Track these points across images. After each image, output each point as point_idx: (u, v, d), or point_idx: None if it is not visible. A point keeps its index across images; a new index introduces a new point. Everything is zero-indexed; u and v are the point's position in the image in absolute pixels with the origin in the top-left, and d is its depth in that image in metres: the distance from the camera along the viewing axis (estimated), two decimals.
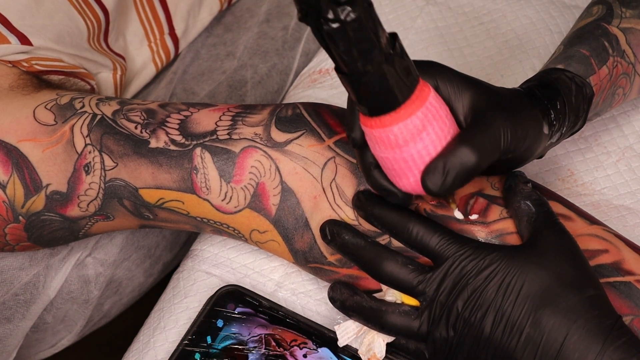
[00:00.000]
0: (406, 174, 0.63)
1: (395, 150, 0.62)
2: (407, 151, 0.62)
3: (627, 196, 0.82)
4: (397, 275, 0.66)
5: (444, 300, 0.64)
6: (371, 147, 0.64)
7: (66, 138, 0.73)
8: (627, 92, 0.79)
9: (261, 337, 0.75)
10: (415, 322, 0.66)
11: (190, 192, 0.73)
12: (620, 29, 0.77)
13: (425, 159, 0.62)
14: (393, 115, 0.60)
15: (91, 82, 0.86)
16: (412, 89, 0.60)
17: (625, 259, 0.68)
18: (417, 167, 0.62)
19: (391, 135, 0.61)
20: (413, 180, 0.63)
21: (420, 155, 0.62)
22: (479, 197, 0.69)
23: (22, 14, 0.79)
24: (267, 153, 0.72)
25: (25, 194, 0.73)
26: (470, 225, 0.69)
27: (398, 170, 0.63)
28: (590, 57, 0.75)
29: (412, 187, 0.64)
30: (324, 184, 0.72)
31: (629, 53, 0.77)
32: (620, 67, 0.76)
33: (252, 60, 1.00)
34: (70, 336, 0.95)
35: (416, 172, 0.63)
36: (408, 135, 0.61)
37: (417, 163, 0.62)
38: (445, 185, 0.61)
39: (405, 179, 0.63)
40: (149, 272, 0.97)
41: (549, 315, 0.62)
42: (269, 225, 0.73)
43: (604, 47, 0.76)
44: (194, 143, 0.73)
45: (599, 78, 0.74)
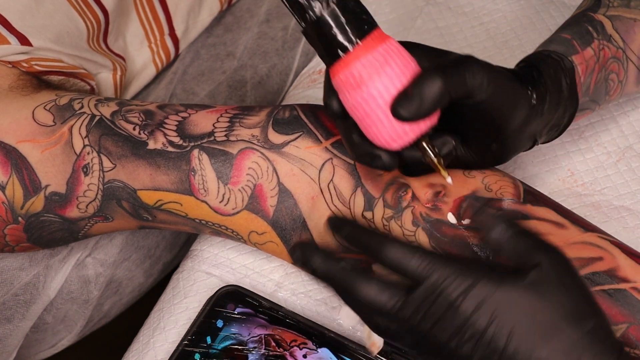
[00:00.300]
0: (378, 117, 0.63)
1: (362, 89, 0.62)
2: (373, 87, 0.62)
3: (627, 196, 0.82)
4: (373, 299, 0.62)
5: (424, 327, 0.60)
6: (344, 102, 0.64)
7: (65, 139, 0.73)
8: (622, 79, 0.77)
9: (261, 338, 0.75)
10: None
11: (188, 194, 0.73)
12: (607, 16, 0.76)
13: (392, 92, 0.62)
14: (353, 53, 0.62)
15: (91, 82, 0.86)
16: (370, 29, 0.62)
17: (620, 266, 0.68)
18: (386, 104, 0.62)
19: (355, 73, 0.62)
20: (386, 121, 0.63)
21: (387, 89, 0.62)
22: (472, 200, 0.69)
23: (21, 15, 0.79)
24: (264, 155, 0.72)
25: (25, 195, 0.73)
26: (463, 231, 0.68)
27: (370, 114, 0.63)
28: (572, 40, 0.74)
29: (388, 133, 0.63)
30: (321, 185, 0.72)
31: (617, 38, 0.76)
32: (607, 50, 0.75)
33: (252, 61, 1.00)
34: (70, 336, 0.95)
35: (386, 109, 0.62)
36: (372, 70, 0.62)
37: (385, 98, 0.62)
38: (414, 109, 0.61)
39: (379, 123, 0.63)
40: (149, 272, 0.97)
41: (549, 352, 0.58)
42: (266, 226, 0.73)
43: (588, 30, 0.75)
44: (192, 145, 0.73)
45: (583, 57, 0.73)
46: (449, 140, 0.67)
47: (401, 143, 0.64)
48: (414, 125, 0.63)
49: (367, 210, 0.71)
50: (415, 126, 0.63)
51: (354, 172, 0.71)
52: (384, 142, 0.64)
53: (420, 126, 0.63)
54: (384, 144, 0.64)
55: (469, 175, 0.71)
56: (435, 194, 0.70)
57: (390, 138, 0.63)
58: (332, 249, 0.71)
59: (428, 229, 0.69)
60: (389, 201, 0.70)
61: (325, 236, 0.71)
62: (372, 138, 0.64)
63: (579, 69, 0.73)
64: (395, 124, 0.62)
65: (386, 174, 0.71)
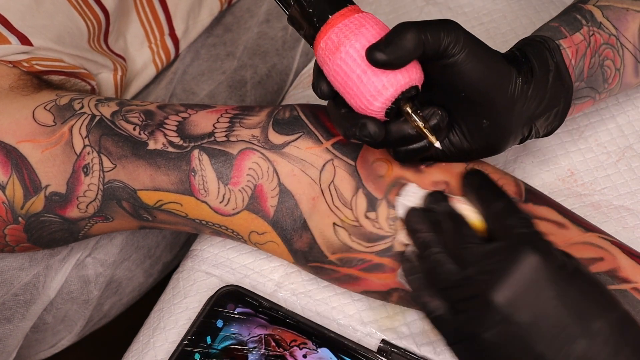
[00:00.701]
0: (357, 75, 0.64)
1: (339, 50, 0.64)
2: (349, 45, 0.64)
3: (627, 196, 0.82)
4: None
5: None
6: (327, 74, 0.66)
7: (65, 139, 0.73)
8: (619, 67, 0.77)
9: (261, 338, 0.76)
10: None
11: (188, 194, 0.73)
12: (597, 6, 0.76)
13: (357, 61, 0.64)
14: (329, 22, 0.65)
15: (92, 82, 0.86)
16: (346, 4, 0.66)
17: (621, 267, 0.68)
18: (363, 59, 0.64)
19: (333, 37, 0.65)
20: (365, 78, 0.64)
21: (363, 47, 0.64)
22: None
23: (22, 15, 0.79)
24: (264, 155, 0.72)
25: (25, 195, 0.73)
26: None
27: (349, 75, 0.64)
28: (560, 27, 0.74)
29: (368, 90, 0.64)
30: (322, 185, 0.72)
31: (607, 25, 0.75)
32: (599, 36, 0.75)
33: (252, 61, 1.00)
34: (70, 336, 0.95)
35: (364, 66, 0.64)
36: (347, 31, 0.65)
37: (362, 55, 0.64)
38: (388, 53, 0.62)
39: (358, 82, 0.64)
40: (149, 272, 0.97)
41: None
42: (267, 226, 0.73)
43: (575, 18, 0.75)
44: (192, 145, 0.73)
45: (572, 42, 0.73)
46: (436, 112, 0.67)
47: (382, 100, 0.64)
48: (392, 77, 0.64)
49: (369, 210, 0.71)
50: (393, 78, 0.64)
51: (354, 173, 0.71)
52: (365, 103, 0.65)
53: (399, 78, 0.64)
54: (366, 105, 0.65)
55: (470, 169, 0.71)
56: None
57: (371, 95, 0.64)
58: (334, 248, 0.71)
59: None
60: (393, 202, 0.70)
61: (327, 237, 0.71)
62: (355, 103, 0.65)
63: (568, 52, 0.72)
64: (374, 80, 0.64)
65: (387, 176, 0.71)
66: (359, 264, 0.71)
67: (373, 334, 0.77)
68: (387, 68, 0.63)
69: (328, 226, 0.71)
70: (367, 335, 0.77)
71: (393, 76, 0.64)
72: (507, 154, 0.86)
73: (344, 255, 0.71)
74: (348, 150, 0.72)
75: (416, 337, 0.77)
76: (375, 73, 0.64)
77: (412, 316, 0.77)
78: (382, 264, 0.70)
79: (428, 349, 0.76)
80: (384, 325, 0.77)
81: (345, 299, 0.79)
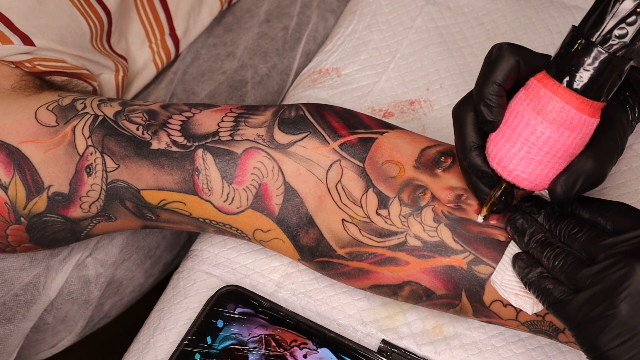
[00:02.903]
0: (517, 139, 0.64)
1: (530, 108, 0.63)
2: (538, 121, 0.63)
3: (627, 196, 0.83)
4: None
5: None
6: (517, 93, 0.65)
7: (68, 139, 0.73)
8: None
9: (261, 338, 0.76)
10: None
11: (192, 194, 0.73)
12: None
13: (538, 144, 0.64)
14: (565, 90, 0.63)
15: (93, 83, 0.86)
16: (607, 97, 0.63)
17: None
18: (531, 144, 0.64)
19: (544, 96, 0.63)
20: (513, 149, 0.64)
21: (540, 137, 0.63)
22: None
23: (24, 15, 0.79)
24: (269, 154, 0.72)
25: (27, 196, 0.73)
26: (491, 229, 0.69)
27: (514, 128, 0.64)
28: None
29: (508, 155, 0.65)
30: (329, 185, 0.72)
31: None
32: None
33: (252, 61, 1.00)
34: (70, 336, 0.94)
35: (525, 147, 0.64)
36: (554, 114, 0.63)
37: (533, 140, 0.64)
38: (571, 193, 0.64)
39: (511, 142, 0.64)
40: (149, 272, 0.97)
41: None
42: (272, 224, 0.73)
43: None
44: (196, 144, 0.73)
45: None
46: (516, 217, 0.69)
47: (506, 176, 0.66)
48: (535, 180, 0.65)
49: (381, 208, 0.71)
50: (534, 180, 0.65)
51: (363, 174, 0.72)
52: (496, 163, 0.66)
53: (534, 184, 0.66)
54: (499, 166, 0.66)
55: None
56: (457, 196, 0.71)
57: (508, 170, 0.65)
58: (344, 242, 0.71)
59: (451, 225, 0.70)
60: (406, 200, 0.70)
61: (335, 232, 0.71)
62: (498, 149, 0.65)
63: None
64: (532, 173, 0.65)
65: (399, 177, 0.71)
66: (370, 257, 0.71)
67: (373, 334, 0.77)
68: (554, 201, 0.65)
69: (336, 222, 0.71)
70: (368, 335, 0.77)
71: (534, 182, 0.65)
72: None
73: (354, 249, 0.71)
74: (355, 151, 0.72)
75: (416, 337, 0.77)
76: (530, 163, 0.65)
77: (412, 316, 0.78)
78: (395, 257, 0.70)
79: (428, 349, 0.76)
80: (384, 325, 0.77)
81: (346, 299, 0.79)
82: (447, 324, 0.77)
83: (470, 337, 0.77)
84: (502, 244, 0.69)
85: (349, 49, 0.96)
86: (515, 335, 0.76)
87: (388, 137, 0.73)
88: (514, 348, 0.76)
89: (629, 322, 0.60)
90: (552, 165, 0.65)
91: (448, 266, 0.70)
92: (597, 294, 0.61)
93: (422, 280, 0.70)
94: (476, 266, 0.69)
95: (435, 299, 0.71)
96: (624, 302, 0.60)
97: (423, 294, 0.71)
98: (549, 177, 0.65)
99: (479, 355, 0.76)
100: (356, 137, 0.73)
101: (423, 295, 0.71)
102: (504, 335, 0.77)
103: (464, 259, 0.69)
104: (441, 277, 0.70)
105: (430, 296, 0.71)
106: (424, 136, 0.75)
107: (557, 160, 0.64)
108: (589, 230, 0.65)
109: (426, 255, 0.70)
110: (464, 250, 0.69)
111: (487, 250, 0.69)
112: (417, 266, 0.70)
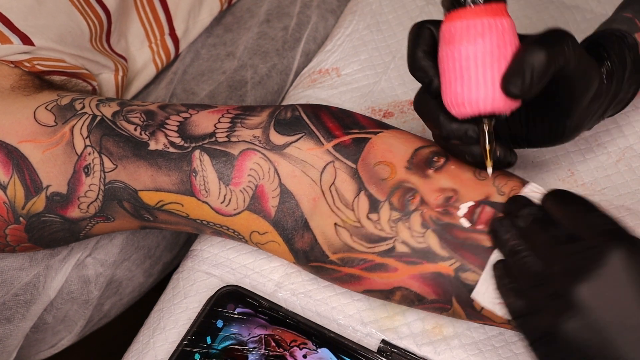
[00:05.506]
0: (456, 76, 0.65)
1: (449, 46, 0.65)
2: (458, 49, 0.65)
3: (627, 196, 0.82)
4: None
5: None
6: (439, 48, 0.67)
7: (66, 139, 0.73)
8: None
9: (261, 338, 0.76)
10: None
11: (189, 195, 0.73)
12: None
13: (471, 64, 0.65)
14: (459, 12, 0.66)
15: (93, 83, 0.86)
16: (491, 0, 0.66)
17: None
18: (466, 70, 0.65)
19: (452, 29, 0.65)
20: (459, 85, 0.65)
21: (468, 58, 0.65)
22: (485, 205, 0.69)
23: (24, 15, 0.79)
24: (265, 156, 0.72)
25: (26, 195, 0.73)
26: (477, 234, 0.69)
27: (449, 70, 0.66)
28: (634, 18, 0.75)
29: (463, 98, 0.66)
30: (323, 187, 0.72)
31: None
32: None
33: (252, 61, 1.00)
34: (70, 336, 0.95)
35: (465, 76, 0.65)
36: (464, 34, 0.65)
37: (464, 65, 0.65)
38: (524, 86, 0.63)
39: (454, 82, 0.65)
40: (149, 272, 0.97)
41: None
42: (268, 226, 0.73)
43: None
44: (193, 145, 0.73)
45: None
46: (507, 151, 0.68)
47: (471, 111, 0.66)
48: (494, 98, 0.65)
49: (372, 212, 0.71)
50: (494, 99, 0.65)
51: (355, 176, 0.71)
52: (454, 103, 0.66)
53: (498, 103, 0.65)
54: (453, 105, 0.66)
55: (480, 177, 0.71)
56: (446, 199, 0.70)
57: (463, 102, 0.66)
58: (336, 248, 0.71)
59: (438, 231, 0.69)
60: (395, 204, 0.70)
61: (328, 236, 0.71)
62: (450, 94, 0.66)
63: (638, 42, 0.74)
64: (473, 89, 0.65)
65: (390, 179, 0.71)
66: (360, 263, 0.71)
67: (373, 334, 0.77)
68: (516, 99, 0.64)
69: (329, 226, 0.71)
70: (367, 335, 0.77)
71: (495, 97, 0.65)
72: None
73: (345, 255, 0.71)
74: (348, 152, 0.72)
75: (416, 337, 0.77)
76: (478, 84, 0.65)
77: (412, 316, 0.77)
78: (384, 263, 0.70)
79: (428, 349, 0.76)
80: (384, 325, 0.77)
81: (345, 299, 0.79)
82: (446, 324, 0.77)
83: (470, 337, 0.77)
84: (489, 250, 0.68)
85: (349, 49, 0.96)
86: (515, 335, 0.76)
87: (382, 137, 0.73)
88: (513, 348, 0.76)
89: (572, 345, 0.58)
90: (496, 75, 0.65)
91: (436, 273, 0.69)
92: (544, 312, 0.60)
93: (412, 286, 0.70)
94: (463, 273, 0.68)
95: (427, 303, 0.70)
96: (566, 324, 0.58)
97: (415, 299, 0.70)
98: (500, 87, 0.65)
99: (478, 356, 0.76)
100: (350, 137, 0.73)
101: (415, 300, 0.71)
102: (504, 335, 0.76)
103: (451, 265, 0.69)
104: (430, 284, 0.69)
105: (422, 301, 0.70)
106: (419, 136, 0.74)
107: (495, 68, 0.65)
108: (549, 236, 0.63)
109: (414, 261, 0.69)
110: (451, 257, 0.69)
111: (474, 257, 0.68)
112: (406, 272, 0.70)
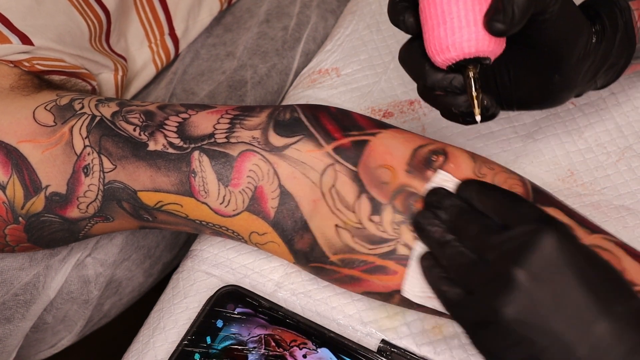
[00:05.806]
0: (438, 21, 0.65)
1: None
2: None
3: (627, 196, 0.82)
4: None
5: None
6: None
7: (65, 139, 0.73)
8: None
9: (261, 338, 0.76)
10: None
11: (188, 196, 0.73)
12: None
13: (452, 7, 0.64)
14: None
15: (92, 82, 0.86)
16: None
17: (626, 270, 0.68)
18: (448, 14, 0.64)
19: None
20: (442, 29, 0.64)
21: (449, 1, 0.64)
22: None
23: (23, 14, 0.79)
24: (265, 157, 0.72)
25: (25, 195, 0.73)
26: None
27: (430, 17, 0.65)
28: None
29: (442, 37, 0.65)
30: (323, 189, 0.71)
31: None
32: None
33: (252, 61, 1.00)
34: (70, 336, 0.95)
35: (447, 19, 0.64)
36: None
37: (446, 9, 0.64)
38: (508, 21, 0.62)
39: (437, 28, 0.65)
40: (149, 272, 0.97)
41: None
42: (267, 227, 0.73)
43: None
44: (192, 146, 0.73)
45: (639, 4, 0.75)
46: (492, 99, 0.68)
47: (456, 55, 0.65)
48: (478, 38, 0.64)
49: (374, 214, 0.70)
50: (478, 40, 0.64)
51: (356, 178, 0.71)
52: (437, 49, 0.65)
53: (483, 43, 0.64)
54: (437, 51, 0.65)
55: (480, 175, 0.71)
56: None
57: (447, 46, 0.65)
58: (336, 249, 0.71)
59: None
60: (398, 207, 0.70)
61: (328, 237, 0.71)
62: (433, 40, 0.65)
63: (635, 14, 0.74)
64: (456, 31, 0.64)
65: (392, 183, 0.71)
66: (360, 265, 0.71)
67: (373, 334, 0.77)
68: (499, 37, 0.64)
69: (330, 227, 0.71)
70: (367, 335, 0.77)
71: (478, 37, 0.64)
72: (507, 154, 0.86)
73: (346, 256, 0.71)
74: (349, 155, 0.72)
75: (416, 337, 0.77)
76: (460, 26, 0.64)
77: (412, 316, 0.77)
78: (384, 266, 0.70)
79: (428, 349, 0.76)
80: (384, 325, 0.77)
81: (345, 299, 0.79)
82: (446, 324, 0.77)
83: None
84: None
85: (349, 49, 0.96)
86: None
87: (381, 138, 0.73)
88: None
89: (513, 327, 0.58)
90: (478, 16, 0.64)
91: None
92: (483, 297, 0.60)
93: None
94: None
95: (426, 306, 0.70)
96: (507, 307, 0.58)
97: (413, 302, 0.70)
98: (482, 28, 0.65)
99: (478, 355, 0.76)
100: (349, 140, 0.72)
101: (414, 303, 0.71)
102: None
103: None
104: None
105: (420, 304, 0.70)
106: (418, 135, 0.74)
107: (477, 9, 0.64)
108: (481, 226, 0.63)
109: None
110: None
111: None
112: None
